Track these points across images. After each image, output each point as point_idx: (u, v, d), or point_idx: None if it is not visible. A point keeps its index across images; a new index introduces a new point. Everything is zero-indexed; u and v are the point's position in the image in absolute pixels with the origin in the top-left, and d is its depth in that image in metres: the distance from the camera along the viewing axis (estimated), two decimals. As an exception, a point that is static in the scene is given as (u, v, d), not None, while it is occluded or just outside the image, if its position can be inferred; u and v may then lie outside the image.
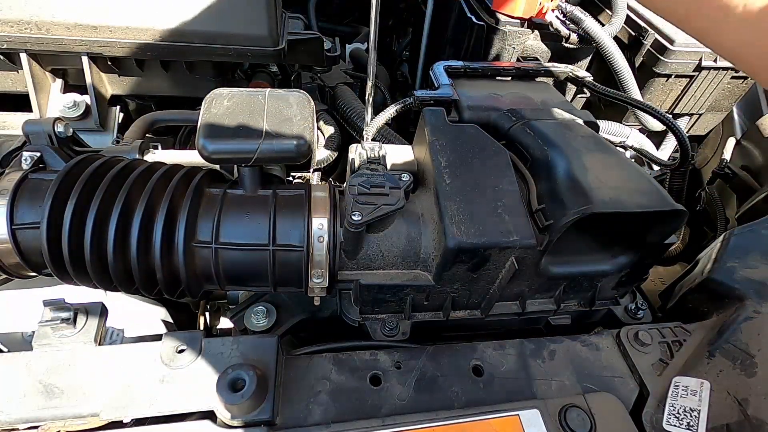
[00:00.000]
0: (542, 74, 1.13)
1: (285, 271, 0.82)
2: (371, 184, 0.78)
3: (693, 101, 1.48)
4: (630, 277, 0.89)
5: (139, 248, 0.76)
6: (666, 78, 1.40)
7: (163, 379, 0.68)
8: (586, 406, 0.72)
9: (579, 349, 0.82)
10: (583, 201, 0.73)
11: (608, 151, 0.86)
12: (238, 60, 1.24)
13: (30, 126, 0.87)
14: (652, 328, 0.85)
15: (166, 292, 0.83)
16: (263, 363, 0.70)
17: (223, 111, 0.81)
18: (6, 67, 1.18)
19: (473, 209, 0.77)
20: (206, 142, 0.78)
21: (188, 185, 0.82)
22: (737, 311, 0.83)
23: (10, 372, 0.68)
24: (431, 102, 0.97)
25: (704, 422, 0.71)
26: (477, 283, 0.83)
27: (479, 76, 1.10)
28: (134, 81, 1.29)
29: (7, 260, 0.80)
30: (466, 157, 0.84)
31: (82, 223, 0.75)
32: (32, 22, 1.06)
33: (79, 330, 0.73)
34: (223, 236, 0.80)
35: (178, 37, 1.13)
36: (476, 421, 0.68)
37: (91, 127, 1.23)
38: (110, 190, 0.77)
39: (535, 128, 0.88)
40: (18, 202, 0.77)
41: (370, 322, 0.87)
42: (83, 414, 0.65)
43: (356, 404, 0.71)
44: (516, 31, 1.42)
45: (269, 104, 0.83)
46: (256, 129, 0.79)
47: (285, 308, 0.94)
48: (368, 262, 0.83)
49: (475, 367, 0.78)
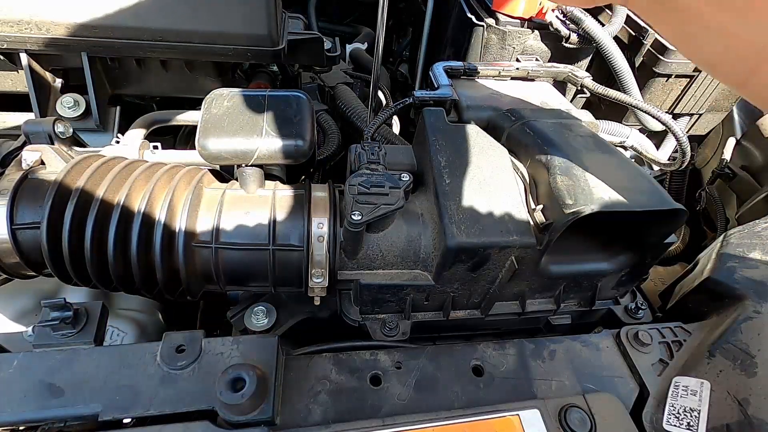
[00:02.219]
0: (542, 74, 1.13)
1: (285, 270, 0.82)
2: (371, 184, 0.78)
3: (693, 101, 1.48)
4: (630, 276, 0.89)
5: (139, 248, 0.76)
6: (666, 78, 1.40)
7: (163, 379, 0.68)
8: (586, 406, 0.72)
9: (579, 349, 0.82)
10: (582, 200, 0.72)
11: (608, 151, 0.86)
12: (238, 60, 1.24)
13: (30, 126, 0.87)
14: (652, 328, 0.85)
15: (166, 292, 0.83)
16: (263, 363, 0.70)
17: (223, 111, 0.81)
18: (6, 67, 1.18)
19: (473, 209, 0.77)
20: (206, 142, 0.78)
21: (188, 185, 0.82)
22: (737, 311, 0.83)
23: (10, 372, 0.68)
24: (431, 102, 0.97)
25: (704, 422, 0.71)
26: (477, 283, 0.83)
27: (479, 76, 1.10)
28: (134, 81, 1.28)
29: (7, 260, 0.80)
30: (466, 157, 0.84)
31: (82, 223, 0.75)
32: (32, 22, 1.06)
33: (79, 330, 0.73)
34: (223, 236, 0.80)
35: (178, 37, 1.13)
36: (476, 421, 0.68)
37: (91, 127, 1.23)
38: (110, 190, 0.77)
39: (535, 128, 0.88)
40: (18, 202, 0.77)
41: (370, 322, 0.87)
42: (83, 414, 0.65)
43: (356, 404, 0.71)
44: (516, 31, 1.42)
45: (269, 104, 0.83)
46: (256, 129, 0.79)
47: (285, 308, 0.94)
48: (368, 262, 0.83)
49: (475, 367, 0.78)
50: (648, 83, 1.43)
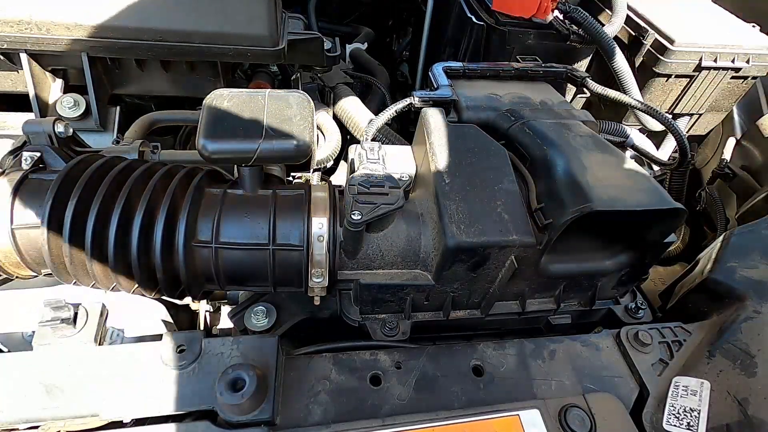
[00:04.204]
0: (541, 74, 1.13)
1: (285, 270, 0.82)
2: (371, 184, 0.78)
3: (693, 101, 1.48)
4: (630, 276, 0.89)
5: (140, 248, 0.76)
6: (666, 78, 1.40)
7: (163, 379, 0.68)
8: (586, 406, 0.72)
9: (579, 349, 0.82)
10: (582, 200, 0.72)
11: (607, 150, 0.86)
12: (238, 60, 1.24)
13: (30, 126, 0.87)
14: (652, 328, 0.85)
15: (166, 291, 0.83)
16: (263, 363, 0.70)
17: (223, 111, 0.81)
18: (6, 67, 1.18)
19: (472, 208, 0.77)
20: (206, 142, 0.78)
21: (188, 185, 0.82)
22: (737, 311, 0.83)
23: (10, 372, 0.68)
24: (430, 102, 0.97)
25: (704, 422, 0.71)
26: (477, 283, 0.83)
27: (478, 76, 1.10)
28: (134, 81, 1.29)
29: (7, 260, 0.80)
30: (466, 157, 0.84)
31: (82, 223, 0.75)
32: (32, 22, 1.06)
33: (79, 330, 0.73)
34: (224, 236, 0.80)
35: (178, 37, 1.13)
36: (476, 421, 0.68)
37: (91, 127, 1.23)
38: (111, 191, 0.77)
39: (534, 128, 0.88)
40: (18, 202, 0.77)
41: (370, 322, 0.87)
42: (83, 414, 0.65)
43: (356, 404, 0.71)
44: (516, 31, 1.42)
45: (269, 104, 0.83)
46: (256, 129, 0.79)
47: (285, 308, 0.94)
48: (368, 262, 0.83)
49: (475, 367, 0.78)
50: (648, 83, 1.43)
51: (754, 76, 1.43)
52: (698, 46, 1.34)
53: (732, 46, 1.36)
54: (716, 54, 1.35)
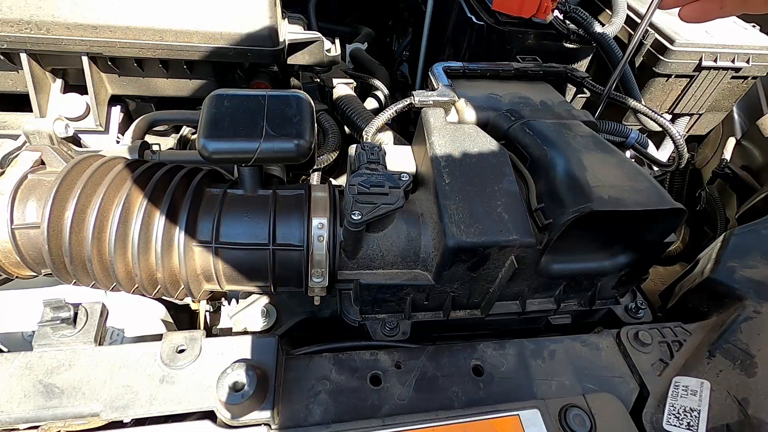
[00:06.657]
0: (541, 74, 1.13)
1: (285, 270, 0.82)
2: (371, 184, 0.78)
3: (693, 101, 1.48)
4: (630, 276, 0.89)
5: (140, 248, 0.76)
6: (666, 78, 1.40)
7: (163, 379, 0.68)
8: (586, 406, 0.72)
9: (579, 349, 0.82)
10: (582, 200, 0.73)
11: (607, 150, 0.86)
12: (238, 60, 1.24)
13: (30, 126, 0.87)
14: (652, 328, 0.85)
15: (166, 291, 0.83)
16: (263, 363, 0.70)
17: (223, 111, 0.81)
18: (6, 67, 1.18)
19: (472, 208, 0.77)
20: (206, 142, 0.78)
21: (188, 185, 0.82)
22: (737, 311, 0.83)
23: (10, 372, 0.68)
24: (431, 102, 0.97)
25: (704, 422, 0.71)
26: (477, 283, 0.83)
27: (478, 76, 1.10)
28: (134, 81, 1.28)
29: (7, 260, 0.80)
30: (466, 157, 0.84)
31: (82, 223, 0.75)
32: (32, 22, 1.06)
33: (79, 330, 0.73)
34: (224, 236, 0.80)
35: (178, 37, 1.13)
36: (476, 421, 0.68)
37: (91, 127, 1.23)
38: (110, 190, 0.77)
39: (534, 128, 0.88)
40: (18, 202, 0.77)
41: (370, 322, 0.87)
42: (83, 414, 0.65)
43: (356, 404, 0.71)
44: (516, 31, 1.42)
45: (269, 104, 0.83)
46: (256, 129, 0.79)
47: (285, 308, 0.94)
48: (368, 262, 0.83)
49: (475, 367, 0.78)
50: (648, 83, 1.43)
51: (754, 76, 1.43)
52: (698, 45, 1.34)
53: (732, 46, 1.36)
54: (716, 54, 1.35)
